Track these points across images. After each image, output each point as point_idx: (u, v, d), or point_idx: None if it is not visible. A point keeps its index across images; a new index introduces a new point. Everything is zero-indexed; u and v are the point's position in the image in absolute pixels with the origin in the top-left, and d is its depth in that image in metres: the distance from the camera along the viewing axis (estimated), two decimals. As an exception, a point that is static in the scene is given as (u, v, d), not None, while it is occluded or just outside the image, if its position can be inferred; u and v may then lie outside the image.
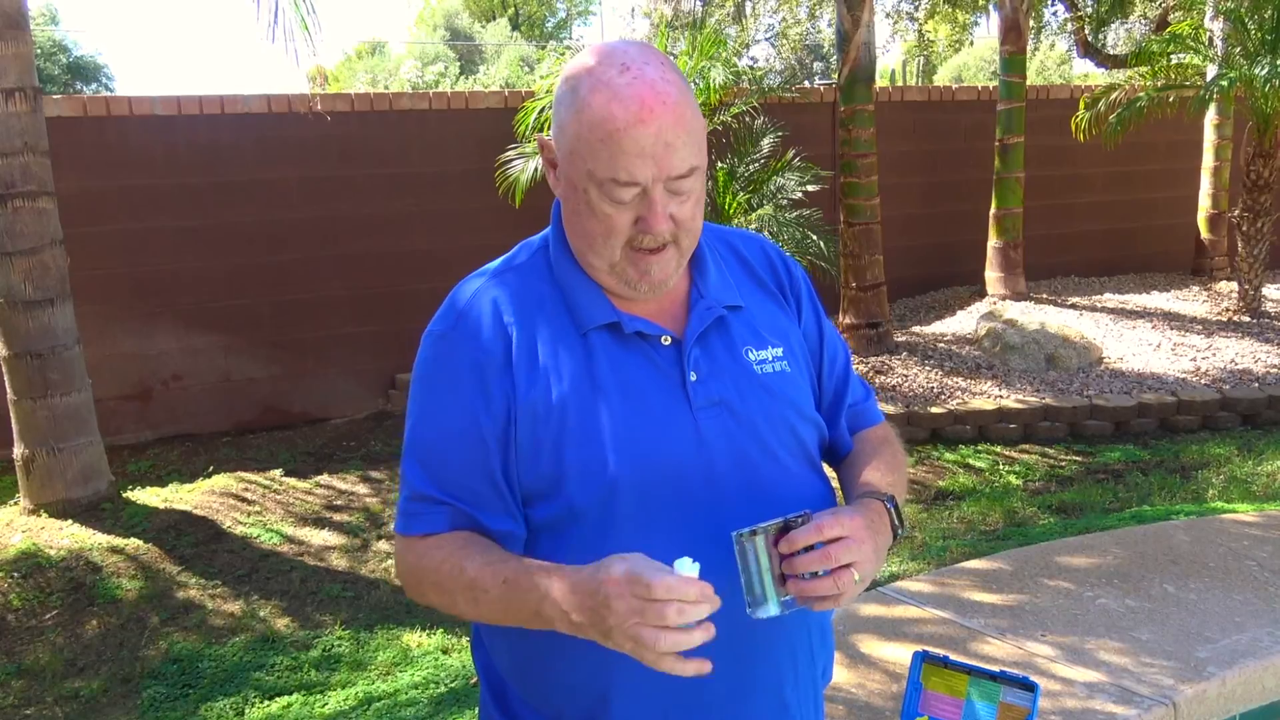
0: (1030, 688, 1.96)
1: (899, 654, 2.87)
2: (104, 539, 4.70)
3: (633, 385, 1.28)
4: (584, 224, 1.28)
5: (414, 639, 3.90)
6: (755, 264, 1.48)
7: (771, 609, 1.16)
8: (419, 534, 1.30)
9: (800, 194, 6.65)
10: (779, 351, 1.39)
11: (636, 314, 1.32)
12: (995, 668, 2.01)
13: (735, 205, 6.59)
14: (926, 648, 2.10)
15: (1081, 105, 8.44)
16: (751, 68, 7.76)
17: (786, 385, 1.38)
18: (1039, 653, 2.87)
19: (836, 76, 7.45)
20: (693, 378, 1.30)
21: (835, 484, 1.47)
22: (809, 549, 1.19)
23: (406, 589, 1.35)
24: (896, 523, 1.33)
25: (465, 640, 3.71)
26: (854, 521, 1.22)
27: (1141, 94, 7.98)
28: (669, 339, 1.32)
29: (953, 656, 2.02)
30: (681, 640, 1.07)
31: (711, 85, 6.49)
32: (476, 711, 1.48)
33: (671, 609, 1.05)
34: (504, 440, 1.27)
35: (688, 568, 1.19)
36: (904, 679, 1.99)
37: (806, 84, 9.78)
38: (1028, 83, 8.57)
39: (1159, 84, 8.18)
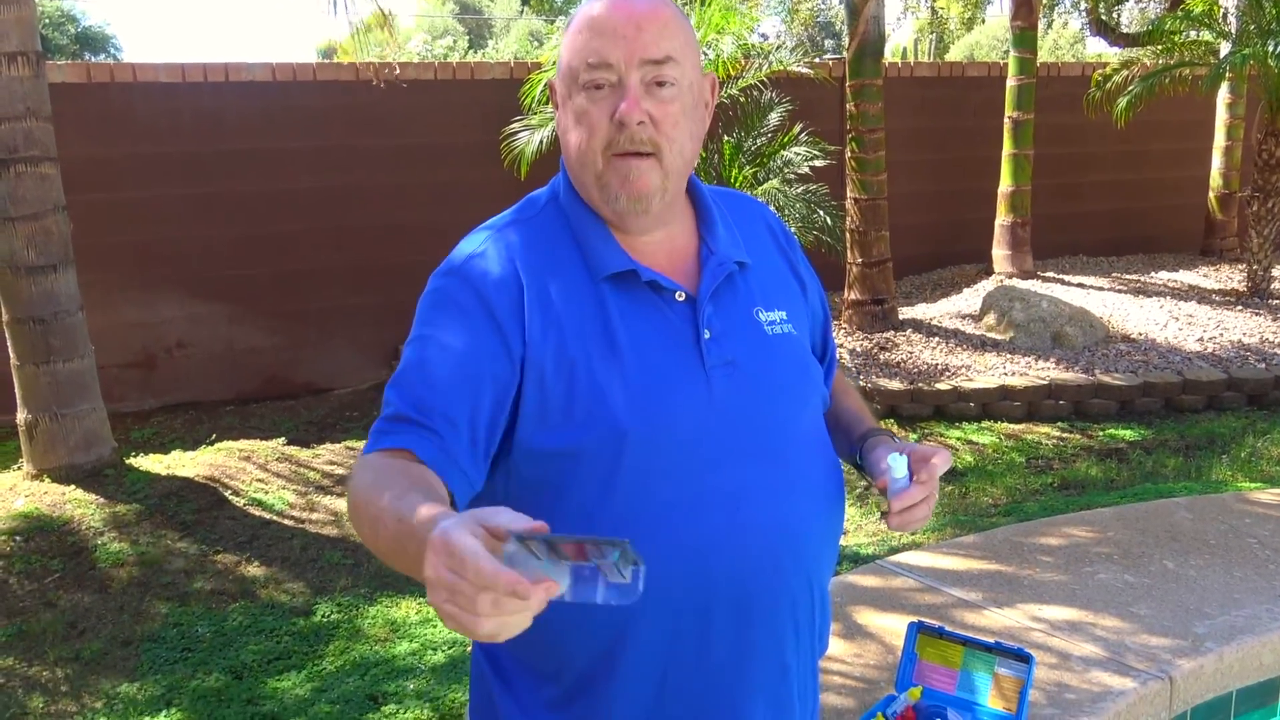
0: (1025, 659, 1.96)
1: (896, 626, 2.87)
2: (106, 505, 4.71)
3: (645, 341, 1.27)
4: (570, 137, 1.29)
5: (412, 606, 3.91)
6: (757, 225, 1.48)
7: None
8: (378, 449, 1.20)
9: (807, 169, 6.61)
10: (784, 314, 1.39)
11: (649, 267, 1.31)
12: (990, 639, 2.00)
13: (741, 179, 6.55)
14: (922, 619, 2.10)
15: (1093, 82, 8.37)
16: (762, 42, 7.69)
17: (794, 348, 1.39)
18: (1036, 626, 2.87)
19: (845, 49, 7.39)
20: (706, 335, 1.29)
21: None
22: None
23: (349, 516, 1.21)
24: None
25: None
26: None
27: (1153, 71, 7.91)
28: (683, 295, 1.31)
29: (948, 628, 2.01)
30: (503, 626, 0.87)
31: (721, 58, 6.44)
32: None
33: (485, 600, 0.84)
34: (504, 385, 1.24)
35: (897, 462, 1.32)
36: (900, 651, 1.99)
37: (815, 59, 9.68)
38: (1039, 61, 8.49)
39: (1171, 61, 8.11)
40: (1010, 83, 8.20)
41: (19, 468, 5.17)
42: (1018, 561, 3.36)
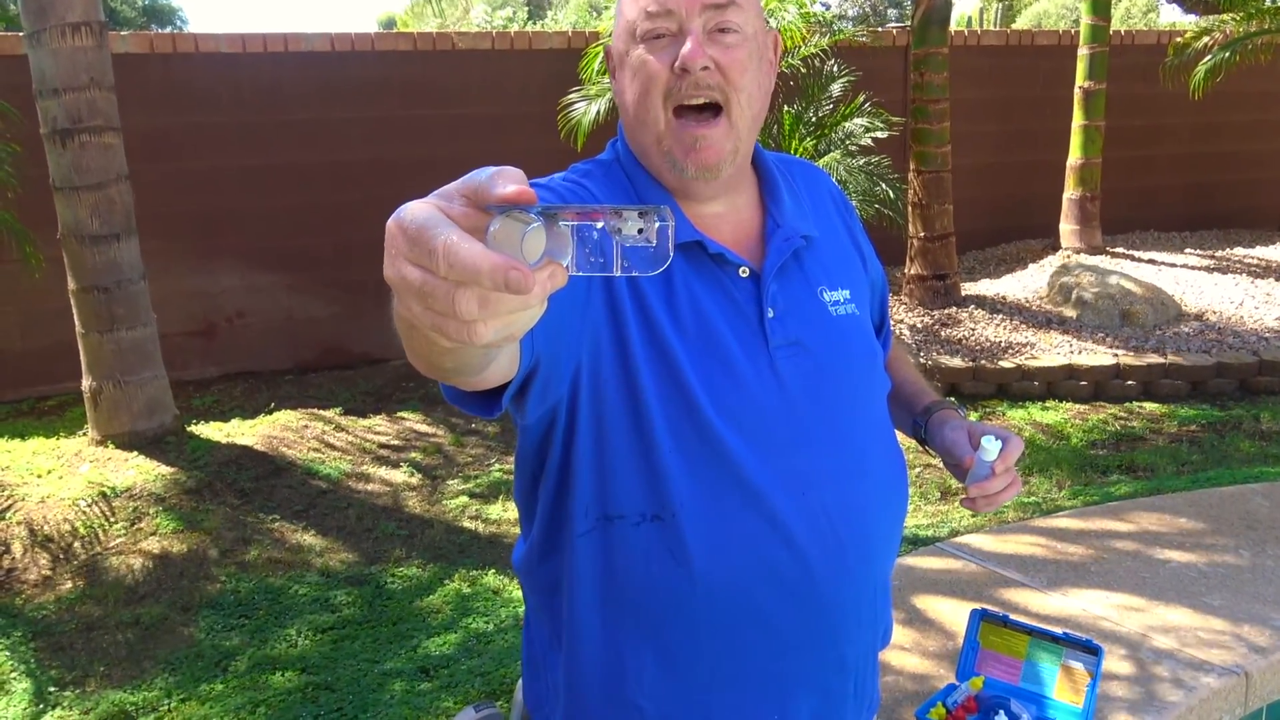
0: (1094, 651, 1.87)
1: (956, 612, 2.79)
2: (167, 471, 4.78)
3: (709, 315, 1.21)
4: (627, 95, 1.22)
5: (466, 579, 3.91)
6: (820, 194, 1.42)
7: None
8: None
9: (869, 140, 6.46)
10: (847, 294, 1.33)
11: (713, 239, 1.24)
12: (1057, 629, 1.92)
13: (802, 150, 6.43)
14: (985, 606, 2.02)
15: (1170, 50, 8.06)
16: (824, 11, 7.52)
17: (858, 329, 1.33)
18: (1104, 616, 2.77)
19: (910, 18, 7.20)
20: (770, 314, 1.23)
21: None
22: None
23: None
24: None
25: (517, 582, 3.71)
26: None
27: (1234, 39, 7.59)
28: (747, 271, 1.24)
29: (1013, 616, 1.93)
30: (504, 330, 0.63)
31: (783, 26, 6.30)
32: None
33: (467, 298, 0.60)
34: (578, 319, 1.13)
35: (993, 445, 1.27)
36: (961, 638, 1.92)
37: (879, 29, 9.48)
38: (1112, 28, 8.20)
39: (1253, 29, 7.77)
40: (1082, 51, 7.93)
41: (84, 433, 5.26)
42: (1084, 547, 3.25)
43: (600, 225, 0.62)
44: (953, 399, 1.44)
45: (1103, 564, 3.12)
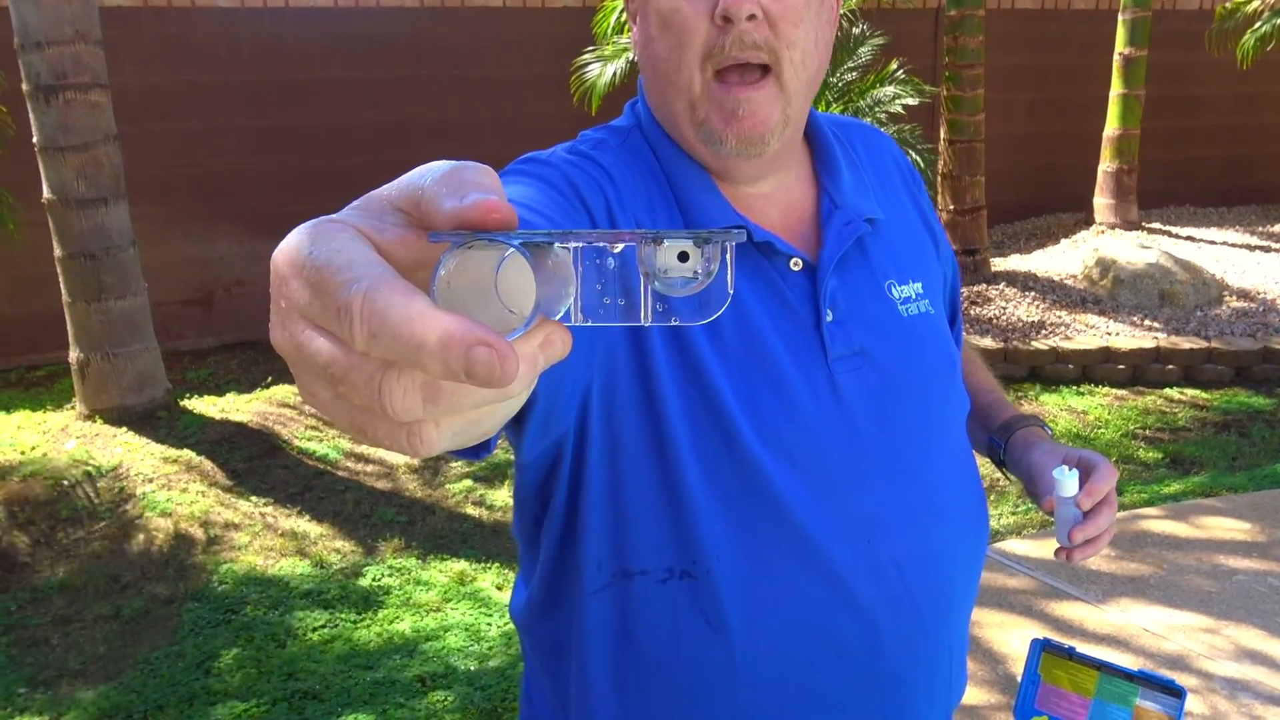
0: (1177, 693, 1.63)
1: (1005, 630, 2.53)
2: (157, 449, 4.54)
3: (754, 320, 0.97)
4: (656, 53, 0.96)
5: (468, 572, 3.67)
6: (885, 165, 1.17)
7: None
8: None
9: (899, 107, 6.13)
10: (919, 288, 1.08)
11: (758, 224, 1.00)
12: (1126, 660, 1.67)
13: (827, 117, 6.11)
14: (1047, 636, 1.77)
15: (1217, 16, 7.68)
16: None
17: (933, 332, 1.08)
18: (1169, 638, 2.51)
19: (944, -22, 6.84)
20: (829, 317, 0.99)
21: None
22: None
23: None
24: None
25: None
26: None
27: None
28: (800, 263, 1.00)
29: (1072, 640, 1.70)
30: (465, 430, 0.40)
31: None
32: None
33: (401, 387, 0.36)
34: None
35: (1067, 478, 1.07)
36: (1011, 660, 1.71)
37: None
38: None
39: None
40: (1123, 16, 7.56)
41: (72, 407, 5.03)
42: (1140, 555, 2.99)
43: (619, 249, 0.39)
44: (1038, 415, 1.19)
45: (1162, 576, 2.86)
